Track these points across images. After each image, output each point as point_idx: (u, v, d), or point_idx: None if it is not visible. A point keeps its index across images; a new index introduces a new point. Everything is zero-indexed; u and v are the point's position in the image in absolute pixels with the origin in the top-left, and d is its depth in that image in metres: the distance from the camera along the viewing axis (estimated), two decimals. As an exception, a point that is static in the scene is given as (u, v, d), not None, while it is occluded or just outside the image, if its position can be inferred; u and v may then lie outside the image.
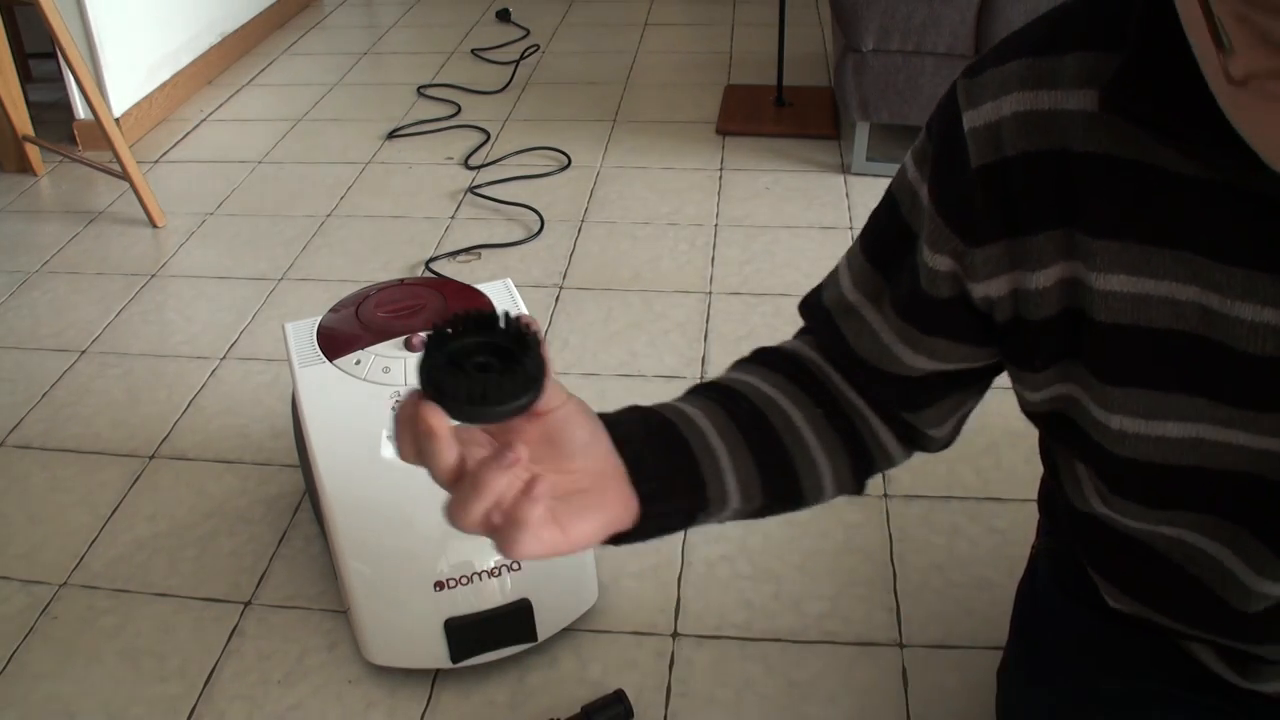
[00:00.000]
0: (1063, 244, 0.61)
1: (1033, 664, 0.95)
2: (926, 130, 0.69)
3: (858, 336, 0.75)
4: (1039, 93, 0.60)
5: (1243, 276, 0.56)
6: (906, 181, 0.70)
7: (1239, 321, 0.56)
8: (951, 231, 0.65)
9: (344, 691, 1.29)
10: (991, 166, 0.62)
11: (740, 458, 0.71)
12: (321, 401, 1.26)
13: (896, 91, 2.33)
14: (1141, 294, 0.59)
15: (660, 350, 1.89)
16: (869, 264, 0.74)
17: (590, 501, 0.60)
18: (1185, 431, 0.61)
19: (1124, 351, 0.61)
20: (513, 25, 3.59)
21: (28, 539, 1.54)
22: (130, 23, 2.83)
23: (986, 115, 0.62)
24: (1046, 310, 0.63)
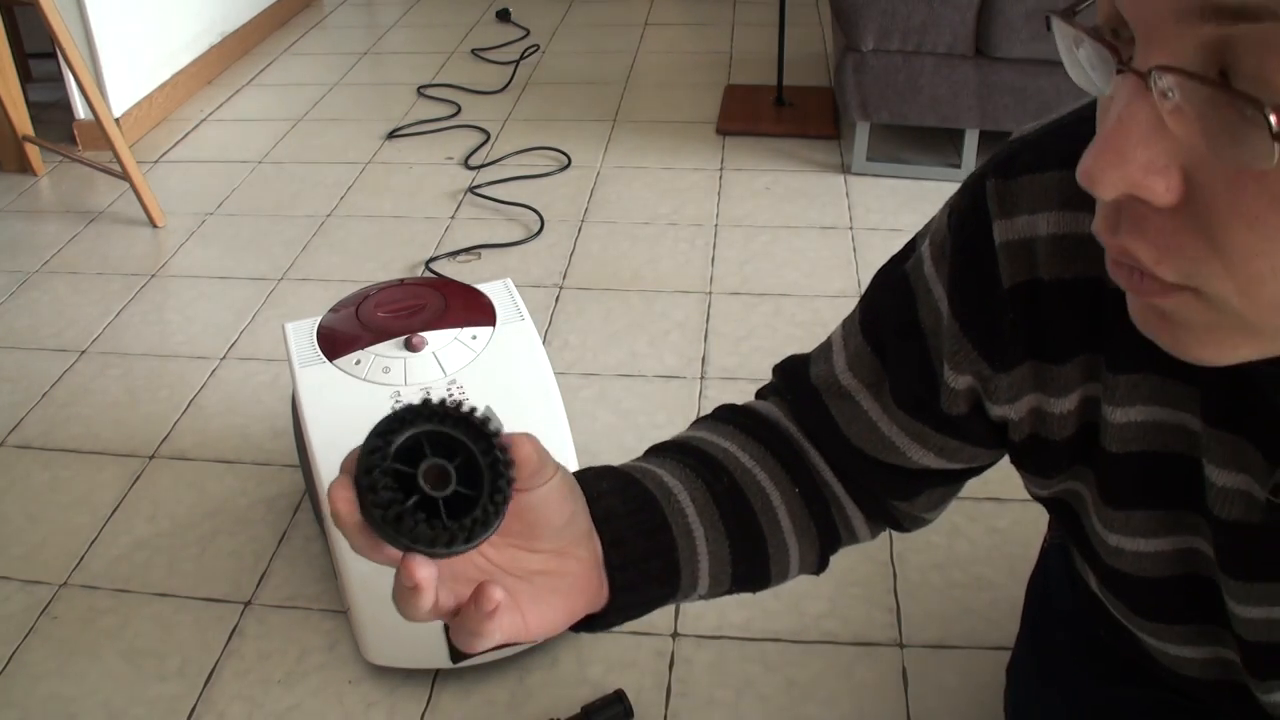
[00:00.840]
0: (1086, 370, 0.59)
1: (1044, 662, 0.95)
2: (948, 227, 0.64)
3: (851, 422, 0.71)
4: (1079, 215, 0.56)
5: (1224, 441, 0.54)
6: (922, 276, 0.66)
7: (1211, 485, 0.55)
8: (978, 355, 0.62)
9: (344, 691, 1.29)
10: (1023, 287, 0.59)
11: (717, 544, 0.68)
12: (321, 401, 1.26)
13: (896, 91, 2.33)
14: (1156, 421, 0.58)
15: (660, 350, 1.89)
16: (869, 349, 0.71)
17: (554, 585, 0.57)
18: (1180, 544, 0.60)
19: (1129, 476, 0.60)
20: (513, 25, 3.59)
21: (28, 539, 1.54)
22: (130, 23, 2.83)
23: (1021, 230, 0.58)
24: (1066, 431, 0.62)
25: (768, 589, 0.74)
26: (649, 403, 1.76)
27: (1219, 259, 0.40)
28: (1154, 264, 0.42)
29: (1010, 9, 2.16)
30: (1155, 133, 0.39)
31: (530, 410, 1.28)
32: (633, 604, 0.63)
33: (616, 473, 0.67)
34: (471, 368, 1.29)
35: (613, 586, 0.61)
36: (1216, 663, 0.66)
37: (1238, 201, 0.38)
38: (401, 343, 1.30)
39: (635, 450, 1.67)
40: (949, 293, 0.63)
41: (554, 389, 1.30)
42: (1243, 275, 0.40)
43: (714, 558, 0.68)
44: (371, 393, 1.26)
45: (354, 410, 1.25)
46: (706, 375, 1.82)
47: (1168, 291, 0.42)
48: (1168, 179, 0.39)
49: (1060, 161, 0.57)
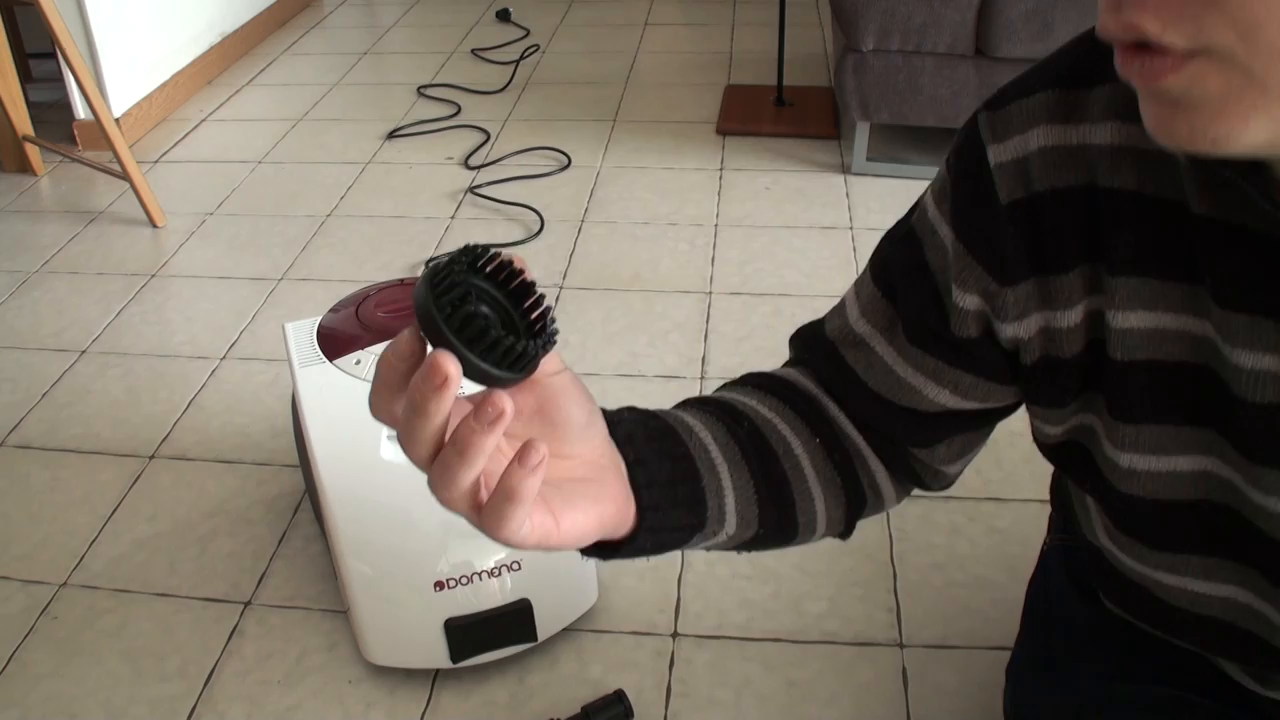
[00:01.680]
0: (1089, 279, 0.61)
1: (1044, 662, 0.95)
2: (947, 168, 0.67)
3: (868, 369, 0.72)
4: (1067, 127, 0.59)
5: (1246, 322, 0.55)
6: (926, 221, 0.68)
7: (1239, 369, 0.56)
8: (982, 270, 0.64)
9: (344, 692, 1.29)
10: (1021, 202, 0.61)
11: (740, 478, 0.67)
12: (321, 401, 1.26)
13: (896, 91, 2.33)
14: (1158, 328, 0.59)
15: (660, 350, 1.89)
16: (880, 295, 0.72)
17: (584, 491, 0.54)
18: (1194, 465, 0.61)
19: (1138, 387, 0.61)
20: (513, 25, 3.59)
21: (28, 539, 1.54)
22: (130, 22, 2.83)
23: (1014, 150, 0.61)
24: (1075, 347, 0.63)
25: (796, 542, 0.72)
26: (649, 403, 1.74)
27: (1219, 8, 0.41)
28: (1161, 32, 0.43)
29: (1010, 9, 2.16)
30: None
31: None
32: (661, 526, 0.61)
33: (634, 408, 0.66)
34: (471, 368, 1.29)
35: (639, 505, 0.59)
36: (1235, 606, 0.65)
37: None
38: (401, 343, 1.30)
39: (635, 450, 1.64)
40: (952, 221, 0.65)
41: (554, 389, 1.30)
42: (1244, 21, 0.41)
43: (739, 494, 0.66)
44: (371, 393, 1.26)
45: (354, 410, 1.25)
46: (706, 375, 1.82)
47: (1179, 65, 0.43)
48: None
49: (1046, 84, 0.61)
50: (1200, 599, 0.67)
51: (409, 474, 1.30)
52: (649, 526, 0.59)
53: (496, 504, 0.47)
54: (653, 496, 0.60)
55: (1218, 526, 0.62)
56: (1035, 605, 1.01)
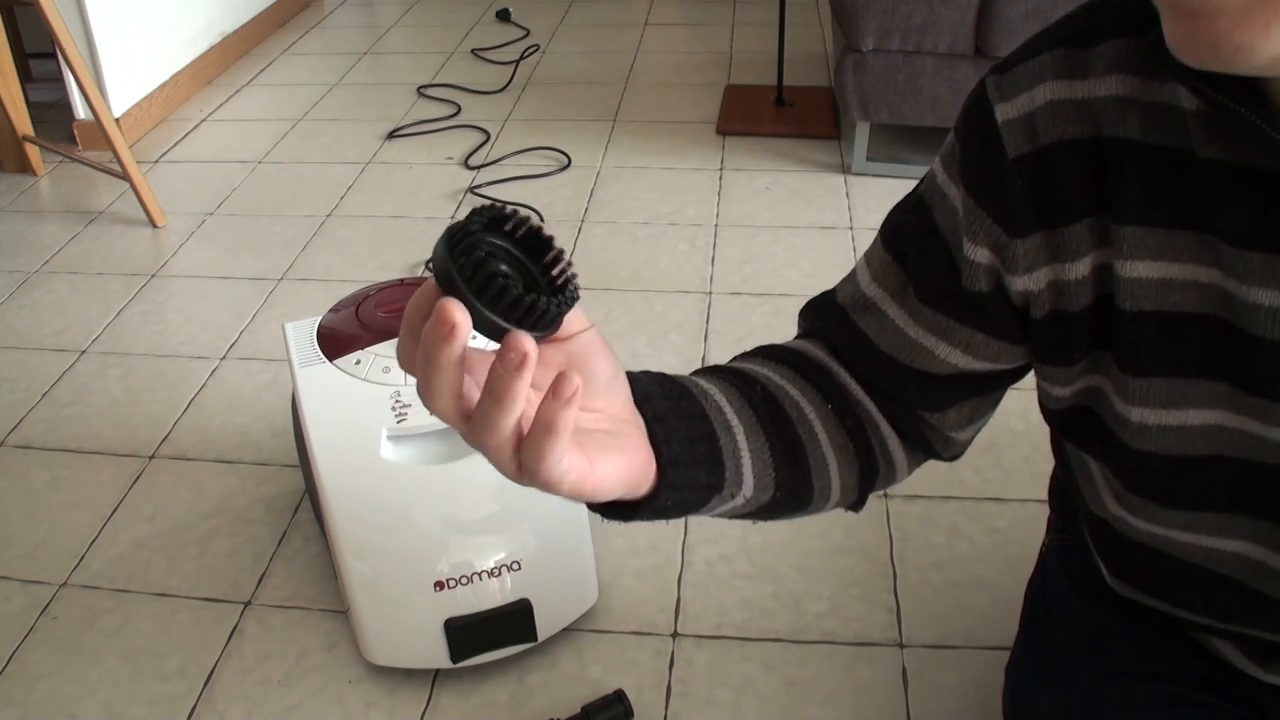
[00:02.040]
0: (1096, 232, 0.62)
1: (1043, 662, 0.95)
2: (955, 133, 0.69)
3: (880, 332, 0.73)
4: (1072, 82, 0.61)
5: (1260, 261, 0.56)
6: (936, 186, 0.70)
7: (1256, 306, 0.56)
8: (993, 221, 0.65)
9: (344, 692, 1.29)
10: (1028, 156, 0.62)
11: (756, 441, 0.67)
12: (321, 401, 1.27)
13: (896, 91, 2.33)
14: (1165, 278, 0.59)
15: (660, 350, 1.89)
16: (891, 259, 0.73)
17: (612, 442, 0.54)
18: (1205, 419, 0.61)
19: (1147, 339, 0.61)
20: (513, 25, 3.59)
21: (28, 539, 1.54)
22: (130, 22, 2.83)
23: (1021, 106, 0.63)
24: (1083, 300, 0.63)
25: (811, 509, 0.72)
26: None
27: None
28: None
29: (1010, 9, 2.16)
30: None
31: (530, 410, 1.28)
32: (682, 484, 0.60)
33: (649, 371, 0.66)
34: (471, 368, 1.29)
35: (660, 461, 0.58)
36: (1246, 562, 0.66)
37: None
38: (401, 343, 1.30)
39: (635, 450, 1.64)
40: (962, 178, 0.66)
41: (554, 389, 1.30)
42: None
43: (755, 455, 0.66)
44: (371, 393, 1.26)
45: (354, 410, 1.25)
46: (706, 375, 1.82)
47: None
48: None
49: (1049, 44, 0.62)
50: (1213, 555, 0.67)
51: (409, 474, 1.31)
52: (670, 483, 0.59)
53: (535, 439, 0.47)
54: (673, 452, 0.59)
55: (1231, 480, 0.62)
56: (1034, 605, 1.01)
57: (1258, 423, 0.59)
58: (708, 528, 1.51)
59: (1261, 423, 0.59)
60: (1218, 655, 0.80)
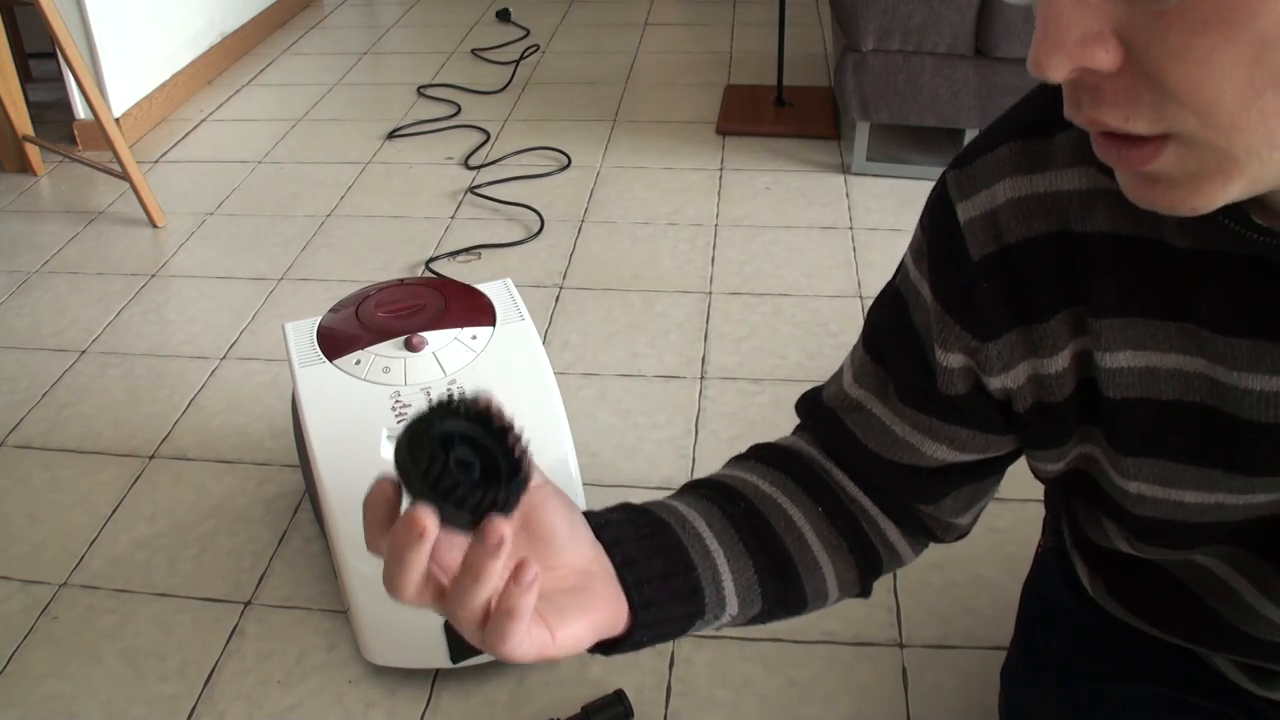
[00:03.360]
0: (1072, 324, 0.61)
1: (1038, 664, 0.95)
2: (920, 227, 0.68)
3: (867, 430, 0.73)
4: (1033, 176, 0.59)
5: (1248, 347, 0.55)
6: (909, 281, 0.69)
7: (1247, 392, 0.56)
8: (961, 329, 0.64)
9: (344, 692, 1.29)
10: (993, 256, 0.61)
11: (738, 561, 0.68)
12: (321, 401, 1.27)
13: (896, 91, 2.33)
14: (1149, 367, 0.59)
15: (660, 350, 1.89)
16: (871, 360, 0.73)
17: (577, 601, 0.56)
18: (1203, 499, 0.61)
19: (1136, 424, 0.61)
20: (513, 25, 3.59)
21: (28, 539, 1.54)
22: (130, 23, 2.83)
23: (982, 204, 0.61)
24: (1066, 389, 0.63)
25: (809, 610, 0.74)
26: (649, 403, 1.76)
27: (1172, 100, 0.42)
28: (1124, 122, 0.44)
29: (1010, 9, 2.16)
30: (1081, 9, 0.42)
31: (530, 410, 1.28)
32: (656, 621, 0.62)
33: (625, 506, 0.67)
34: (471, 368, 1.29)
35: (632, 605, 0.61)
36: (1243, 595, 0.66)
37: (1166, 42, 0.41)
38: (401, 343, 1.30)
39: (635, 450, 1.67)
40: (930, 281, 0.66)
41: (554, 389, 1.30)
42: (1197, 107, 0.42)
43: (738, 576, 0.68)
44: (371, 393, 1.26)
45: (354, 410, 1.25)
46: (706, 375, 1.82)
47: (1153, 153, 0.45)
48: (1105, 44, 0.43)
49: (1008, 136, 0.61)
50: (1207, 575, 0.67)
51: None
52: (643, 623, 0.61)
53: (498, 622, 0.51)
54: (644, 594, 0.62)
55: (1238, 531, 0.62)
56: (1030, 606, 1.01)
57: (1264, 495, 0.60)
58: (708, 528, 1.51)
59: (1268, 494, 0.59)
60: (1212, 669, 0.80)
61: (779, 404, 1.74)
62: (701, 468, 1.61)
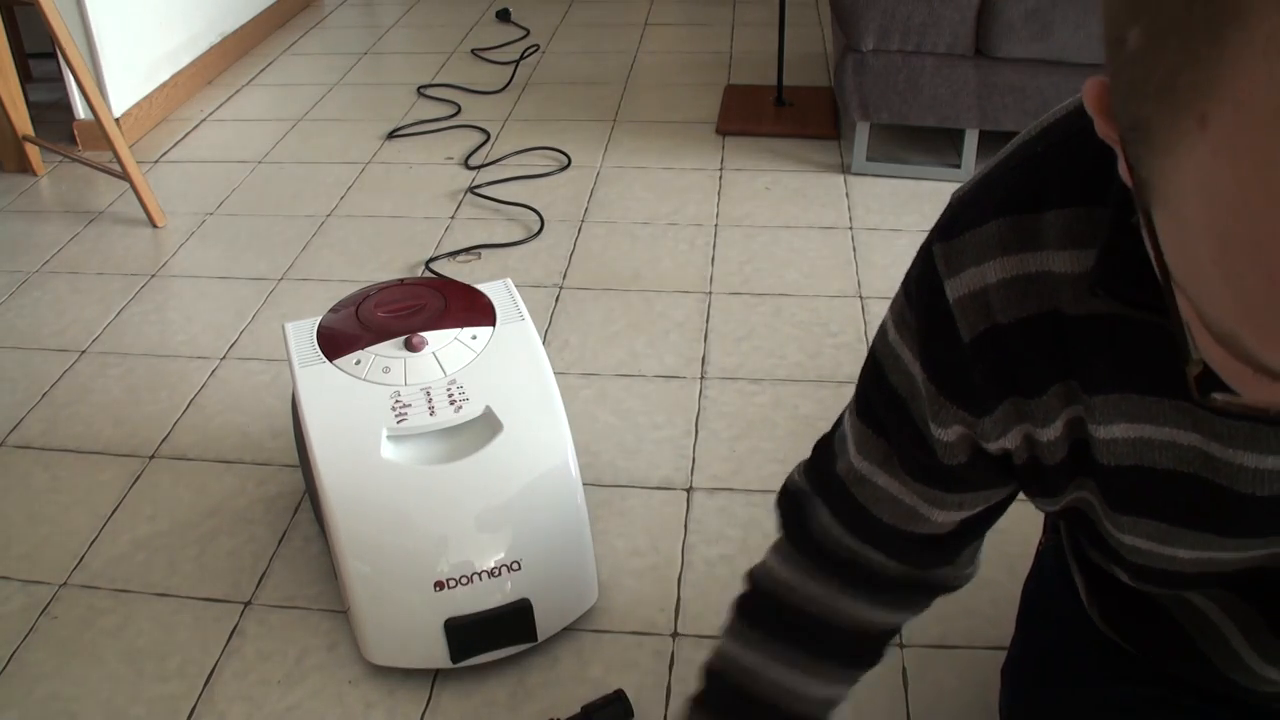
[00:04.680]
0: (1064, 396, 0.61)
1: (1038, 663, 0.95)
2: (905, 296, 0.66)
3: (877, 503, 0.74)
4: (1024, 255, 0.58)
5: (1242, 428, 0.55)
6: (888, 345, 0.68)
7: (1242, 468, 0.56)
8: (957, 408, 0.64)
9: (344, 692, 1.29)
10: (984, 336, 0.61)
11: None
12: (321, 401, 1.26)
13: (896, 91, 2.33)
14: (1143, 438, 0.59)
15: (660, 350, 1.89)
16: (869, 430, 0.73)
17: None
18: (1196, 555, 0.62)
19: (1129, 487, 0.61)
20: (513, 25, 3.59)
21: (28, 539, 1.54)
22: (130, 23, 2.83)
23: (970, 283, 0.60)
24: (1059, 454, 0.63)
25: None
26: (649, 403, 1.76)
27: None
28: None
29: (1010, 9, 2.16)
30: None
31: (530, 410, 1.28)
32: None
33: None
34: (471, 368, 1.29)
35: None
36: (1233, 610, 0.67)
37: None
38: (401, 343, 1.30)
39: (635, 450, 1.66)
40: (920, 359, 0.65)
41: (554, 389, 1.30)
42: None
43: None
44: (371, 393, 1.26)
45: (354, 410, 1.25)
46: (706, 375, 1.82)
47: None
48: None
49: (996, 211, 0.59)
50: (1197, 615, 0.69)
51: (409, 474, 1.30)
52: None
53: None
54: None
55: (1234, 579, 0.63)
56: (1030, 605, 1.01)
57: (1256, 551, 0.60)
58: (707, 528, 1.51)
59: (1260, 550, 0.60)
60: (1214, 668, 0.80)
61: (779, 404, 1.74)
62: (701, 468, 1.61)
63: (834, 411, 1.72)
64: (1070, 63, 2.20)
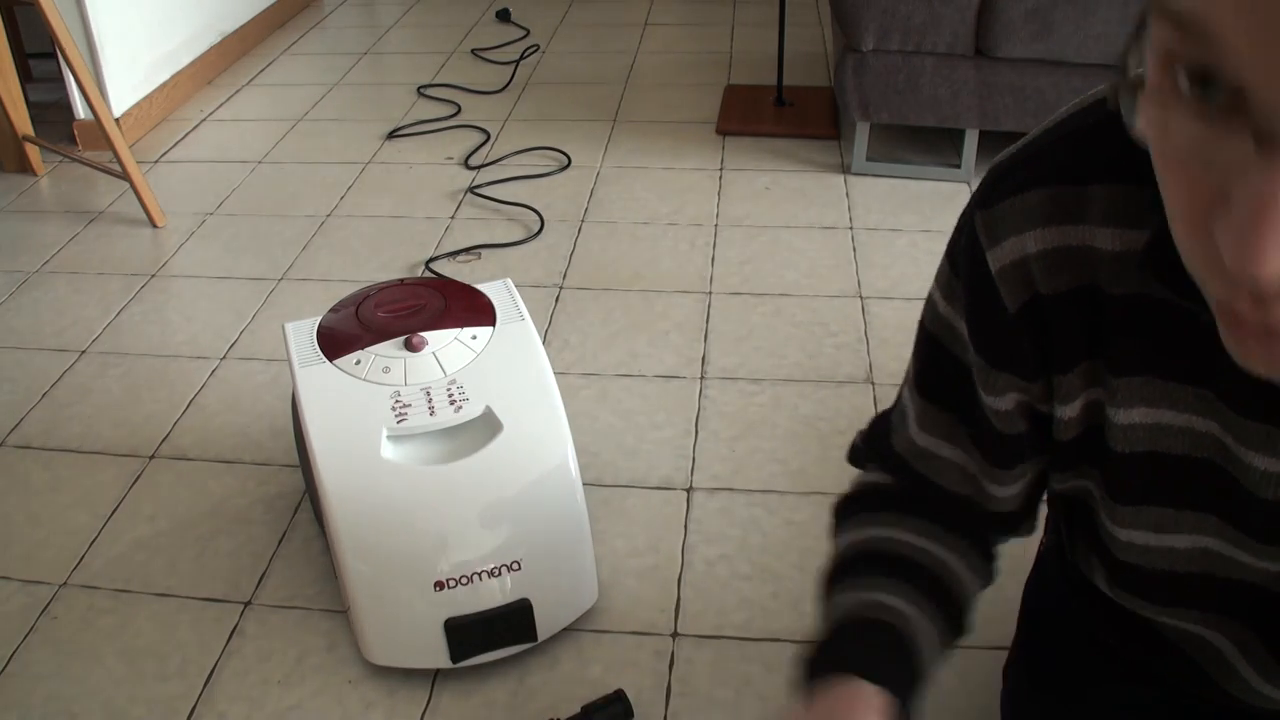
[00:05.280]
0: (1088, 377, 0.61)
1: (1040, 662, 0.95)
2: (950, 262, 0.67)
3: (946, 475, 0.74)
4: (1065, 228, 0.58)
5: (1258, 430, 0.55)
6: (939, 316, 0.69)
7: (1251, 468, 0.56)
8: (1011, 375, 0.65)
9: (344, 692, 1.29)
10: (1028, 304, 0.61)
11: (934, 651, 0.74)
12: (321, 401, 1.26)
13: (896, 91, 2.33)
14: (1161, 424, 0.59)
15: (660, 350, 1.89)
16: (931, 405, 0.73)
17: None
18: (1193, 543, 0.62)
19: (1139, 475, 0.61)
20: (513, 25, 3.59)
21: (28, 539, 1.54)
22: (130, 23, 2.83)
23: (1011, 253, 0.60)
24: (1071, 433, 0.64)
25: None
26: (649, 403, 1.76)
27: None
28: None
29: (1010, 9, 2.16)
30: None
31: (530, 410, 1.28)
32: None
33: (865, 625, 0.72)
34: (471, 368, 1.29)
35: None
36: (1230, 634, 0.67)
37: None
38: (401, 343, 1.30)
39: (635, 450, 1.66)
40: (969, 329, 0.66)
41: (554, 389, 1.30)
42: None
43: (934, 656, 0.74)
44: (371, 393, 1.26)
45: (354, 410, 1.25)
46: (706, 375, 1.82)
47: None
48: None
49: (1038, 180, 0.59)
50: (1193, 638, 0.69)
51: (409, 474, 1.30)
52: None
53: None
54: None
55: (1215, 591, 0.63)
56: (1031, 605, 1.01)
57: (1250, 555, 0.60)
58: (708, 528, 1.51)
59: (1254, 556, 0.60)
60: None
61: (779, 404, 1.74)
62: (701, 468, 1.61)
63: (834, 411, 1.72)
64: (1070, 62, 2.20)
